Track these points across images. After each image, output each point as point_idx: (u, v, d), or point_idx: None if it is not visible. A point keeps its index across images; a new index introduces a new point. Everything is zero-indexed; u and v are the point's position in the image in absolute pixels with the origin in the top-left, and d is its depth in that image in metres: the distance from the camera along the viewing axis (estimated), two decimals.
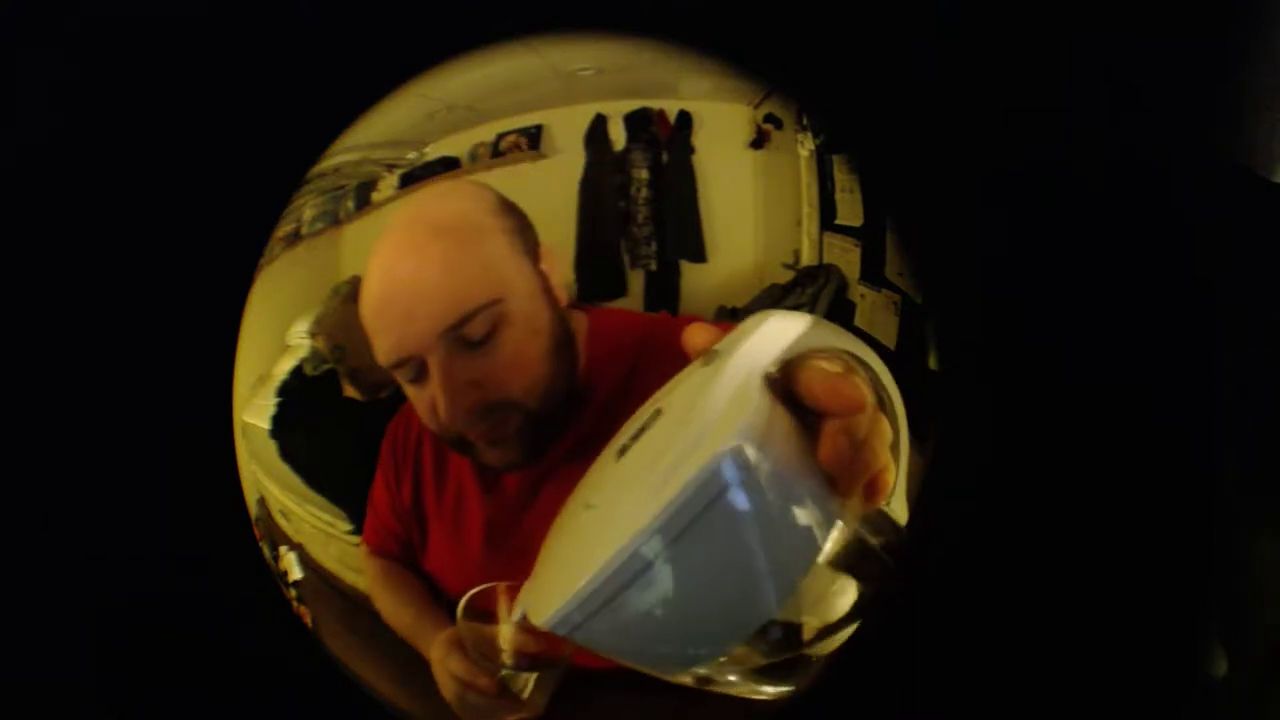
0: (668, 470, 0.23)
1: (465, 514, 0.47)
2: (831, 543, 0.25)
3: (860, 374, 0.28)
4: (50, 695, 0.43)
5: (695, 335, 0.31)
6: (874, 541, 0.28)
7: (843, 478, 0.24)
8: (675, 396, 0.30)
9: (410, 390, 0.43)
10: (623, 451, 0.30)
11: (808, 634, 0.28)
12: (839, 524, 0.25)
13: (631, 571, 0.22)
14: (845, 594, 0.29)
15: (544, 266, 0.45)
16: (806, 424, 0.24)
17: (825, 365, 0.26)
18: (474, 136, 0.52)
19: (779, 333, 0.27)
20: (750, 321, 0.29)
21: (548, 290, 0.45)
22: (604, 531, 0.24)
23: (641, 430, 0.30)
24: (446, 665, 0.44)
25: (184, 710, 0.46)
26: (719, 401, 0.24)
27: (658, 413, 0.30)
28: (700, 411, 0.24)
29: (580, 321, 0.48)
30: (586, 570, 0.23)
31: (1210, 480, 0.43)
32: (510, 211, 0.45)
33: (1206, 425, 0.43)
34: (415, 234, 0.44)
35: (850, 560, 0.27)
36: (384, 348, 0.43)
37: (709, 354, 0.29)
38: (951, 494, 0.45)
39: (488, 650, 0.41)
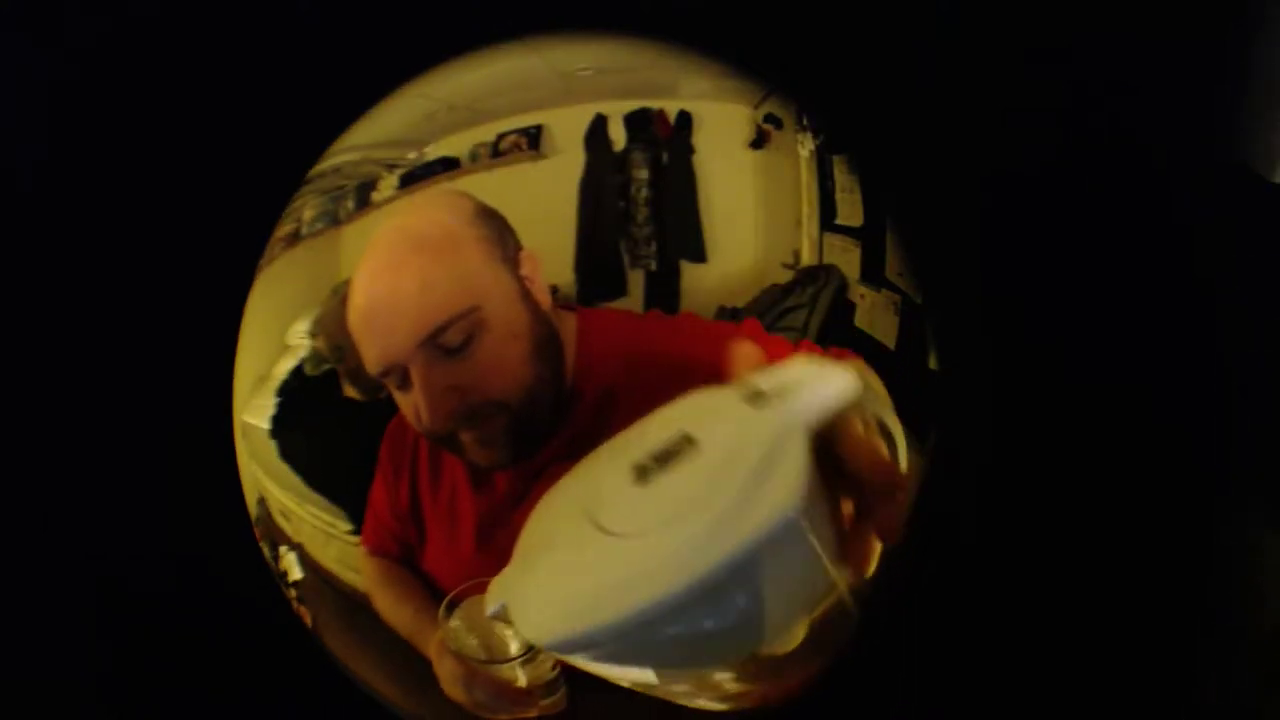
0: (716, 522, 0.23)
1: (459, 513, 0.48)
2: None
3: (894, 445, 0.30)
4: (50, 695, 0.43)
5: (742, 359, 0.32)
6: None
7: (864, 546, 0.26)
8: (714, 432, 0.29)
9: (398, 396, 0.44)
10: (643, 474, 0.29)
11: (770, 662, 0.29)
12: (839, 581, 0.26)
13: (666, 614, 0.23)
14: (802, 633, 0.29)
15: (524, 271, 0.45)
16: (832, 484, 0.26)
17: (865, 434, 0.27)
18: (474, 137, 0.52)
19: (826, 388, 0.27)
20: (799, 368, 0.29)
21: (527, 295, 0.45)
22: (639, 566, 0.24)
23: (669, 456, 0.29)
24: (444, 665, 0.44)
25: (184, 709, 0.46)
26: (772, 458, 0.24)
27: (688, 441, 0.29)
28: (749, 461, 0.25)
29: (568, 322, 0.48)
30: (617, 605, 0.23)
31: (1210, 480, 0.43)
32: (488, 219, 0.45)
33: (1206, 425, 0.43)
34: (393, 247, 0.45)
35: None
36: (370, 358, 0.44)
37: (752, 391, 0.29)
38: (952, 494, 0.45)
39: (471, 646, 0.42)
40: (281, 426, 0.50)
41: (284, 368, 0.51)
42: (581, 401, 0.46)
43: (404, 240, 0.45)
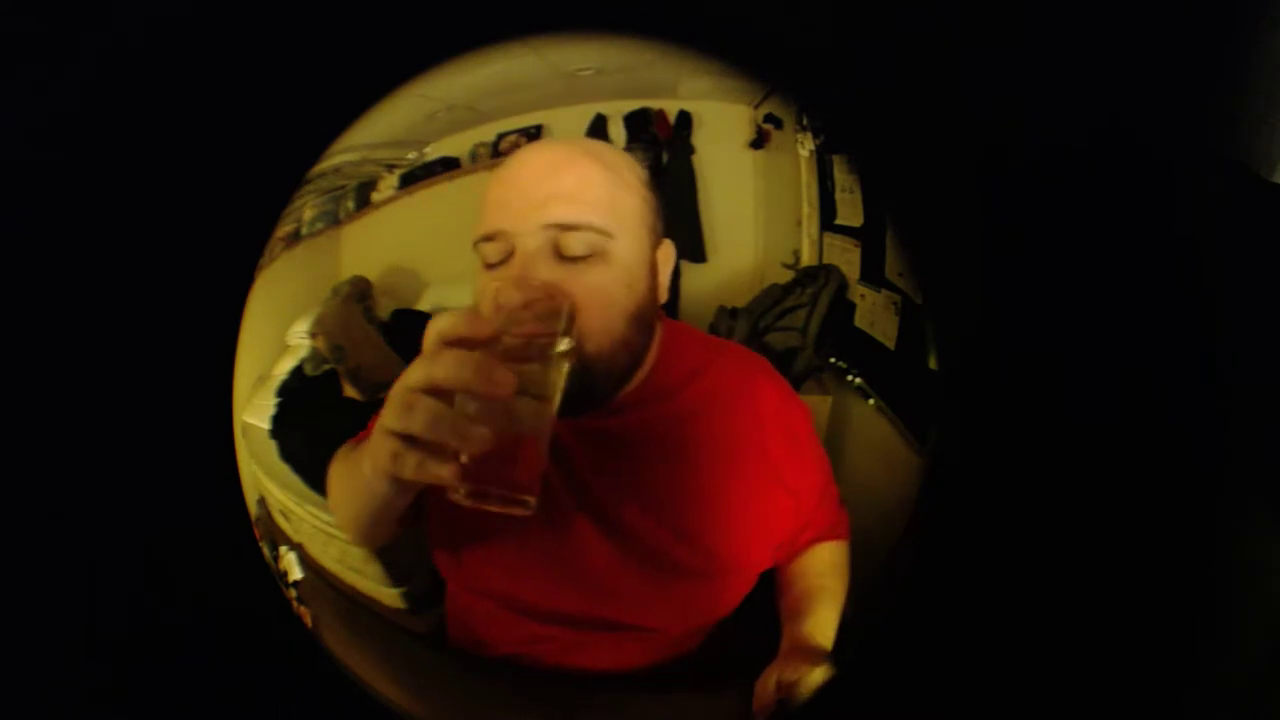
0: None
1: None
2: None
3: None
4: (50, 695, 0.43)
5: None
6: None
7: None
8: None
9: (483, 278, 0.43)
10: None
11: None
12: None
13: None
14: None
15: (659, 254, 0.46)
16: None
17: None
18: (474, 136, 0.53)
19: None
20: None
21: (654, 270, 0.46)
22: None
23: None
24: (401, 409, 0.33)
25: (184, 709, 0.46)
26: None
27: None
28: None
29: (657, 329, 0.48)
30: None
31: (1210, 480, 0.43)
32: (654, 193, 0.46)
33: (1206, 425, 0.43)
34: (572, 147, 0.45)
35: None
36: (489, 219, 0.43)
37: None
38: (952, 494, 0.45)
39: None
40: (281, 426, 0.50)
41: (284, 368, 0.51)
42: (635, 408, 0.47)
43: (581, 147, 0.45)
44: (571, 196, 0.42)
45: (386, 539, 0.48)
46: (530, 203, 0.42)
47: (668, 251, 0.47)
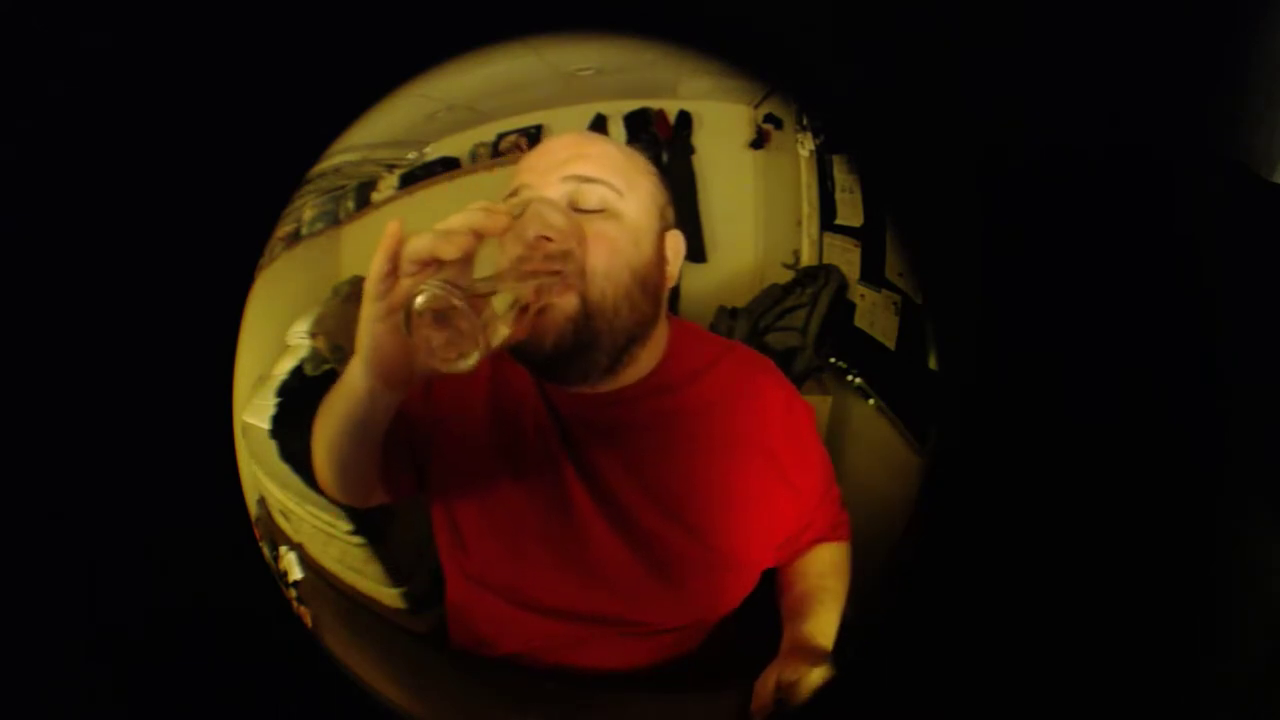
0: None
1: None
2: None
3: None
4: (50, 694, 0.43)
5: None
6: None
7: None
8: None
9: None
10: None
11: None
12: None
13: None
14: None
15: (669, 242, 0.48)
16: None
17: None
18: (474, 136, 0.53)
19: None
20: None
21: (660, 247, 0.47)
22: None
23: None
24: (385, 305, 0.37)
25: (184, 709, 0.46)
26: None
27: None
28: None
29: (667, 321, 0.49)
30: None
31: (1210, 480, 0.43)
32: (665, 188, 0.49)
33: (1206, 425, 0.43)
34: (596, 134, 0.51)
35: None
36: (516, 180, 0.46)
37: None
38: (952, 494, 0.45)
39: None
40: (281, 426, 0.50)
41: (284, 368, 0.51)
42: (642, 400, 0.48)
43: (604, 136, 0.51)
44: (591, 158, 0.45)
45: (365, 481, 0.47)
46: (554, 163, 0.45)
47: (677, 241, 0.48)
